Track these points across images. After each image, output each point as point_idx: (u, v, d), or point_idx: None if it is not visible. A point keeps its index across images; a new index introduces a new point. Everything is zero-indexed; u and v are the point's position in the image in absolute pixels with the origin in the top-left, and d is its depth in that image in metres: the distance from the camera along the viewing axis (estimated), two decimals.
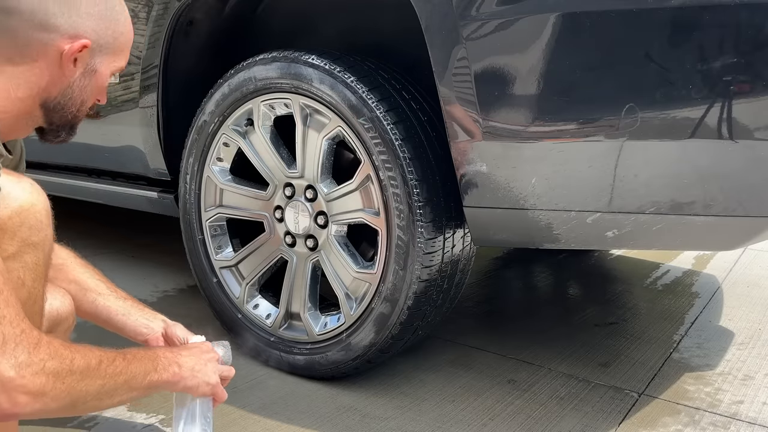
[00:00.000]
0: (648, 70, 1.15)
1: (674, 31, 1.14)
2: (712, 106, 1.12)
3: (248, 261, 1.73)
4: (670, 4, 1.11)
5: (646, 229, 1.27)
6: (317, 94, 1.48)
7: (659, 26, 1.14)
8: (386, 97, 1.45)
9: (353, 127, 1.46)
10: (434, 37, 1.31)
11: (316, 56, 1.49)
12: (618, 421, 1.50)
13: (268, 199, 1.65)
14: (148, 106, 1.86)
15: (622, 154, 1.20)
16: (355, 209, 1.52)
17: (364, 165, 1.47)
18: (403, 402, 1.56)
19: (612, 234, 1.31)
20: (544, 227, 1.34)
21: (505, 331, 1.99)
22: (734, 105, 1.11)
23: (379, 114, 1.42)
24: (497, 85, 1.26)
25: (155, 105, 1.85)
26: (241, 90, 1.60)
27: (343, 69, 1.46)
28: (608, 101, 1.19)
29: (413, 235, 1.43)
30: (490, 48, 1.26)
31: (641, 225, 1.27)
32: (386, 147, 1.42)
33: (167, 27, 1.75)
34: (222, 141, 1.68)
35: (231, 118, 1.65)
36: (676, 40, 1.14)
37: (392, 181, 1.43)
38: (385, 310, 1.50)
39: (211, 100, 1.66)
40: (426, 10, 1.31)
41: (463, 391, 1.62)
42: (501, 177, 1.31)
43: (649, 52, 1.15)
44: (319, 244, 1.59)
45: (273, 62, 1.54)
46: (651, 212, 1.23)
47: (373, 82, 1.46)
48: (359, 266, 1.55)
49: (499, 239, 1.44)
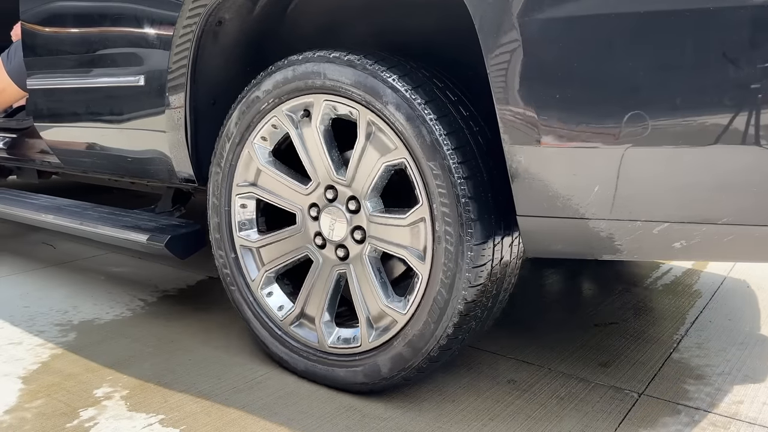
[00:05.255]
0: (723, 71, 1.07)
1: (755, 30, 1.05)
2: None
3: (271, 248, 1.68)
4: (751, 2, 1.04)
5: (716, 240, 1.20)
6: (390, 119, 1.40)
7: (739, 25, 1.06)
8: (462, 145, 1.37)
9: (420, 167, 1.39)
10: (489, 37, 1.23)
11: (398, 78, 1.40)
12: (618, 421, 1.50)
13: (306, 194, 1.59)
14: (176, 108, 1.79)
15: (695, 160, 1.13)
16: (398, 243, 1.47)
17: (421, 207, 1.41)
18: (403, 402, 1.56)
19: (679, 245, 1.23)
20: (606, 238, 1.27)
21: (505, 331, 1.99)
22: None
23: (451, 164, 1.35)
24: (558, 88, 1.19)
25: (183, 108, 1.78)
26: (305, 81, 1.51)
27: (423, 102, 1.37)
28: (681, 105, 1.11)
29: (453, 295, 1.39)
30: (551, 48, 1.19)
31: (712, 236, 1.19)
32: (450, 200, 1.36)
33: (197, 27, 1.69)
34: (271, 122, 1.60)
35: (287, 104, 1.56)
36: (757, 39, 1.06)
37: (447, 236, 1.37)
38: (406, 354, 1.47)
39: (270, 79, 1.57)
40: (480, 9, 1.23)
41: (463, 391, 1.62)
42: (560, 185, 1.24)
43: (725, 52, 1.06)
44: (349, 257, 1.55)
45: (348, 66, 1.44)
46: (724, 222, 1.16)
47: (451, 125, 1.38)
48: (389, 299, 1.50)
49: (554, 250, 1.37)
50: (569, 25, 1.16)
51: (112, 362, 1.75)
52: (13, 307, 2.14)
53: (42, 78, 2.13)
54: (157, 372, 1.70)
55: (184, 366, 1.74)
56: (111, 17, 1.89)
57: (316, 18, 1.82)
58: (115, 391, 1.60)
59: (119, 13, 1.86)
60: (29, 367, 1.73)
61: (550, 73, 1.19)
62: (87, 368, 1.72)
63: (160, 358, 1.78)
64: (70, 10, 2.01)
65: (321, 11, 1.81)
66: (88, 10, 1.96)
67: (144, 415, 1.49)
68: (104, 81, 1.95)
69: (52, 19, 2.06)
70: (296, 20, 1.82)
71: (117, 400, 1.56)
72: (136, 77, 1.85)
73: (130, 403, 1.55)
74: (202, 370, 1.71)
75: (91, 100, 2.02)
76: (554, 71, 1.19)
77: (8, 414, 1.50)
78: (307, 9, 1.80)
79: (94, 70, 1.97)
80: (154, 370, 1.71)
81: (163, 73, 1.78)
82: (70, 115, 2.10)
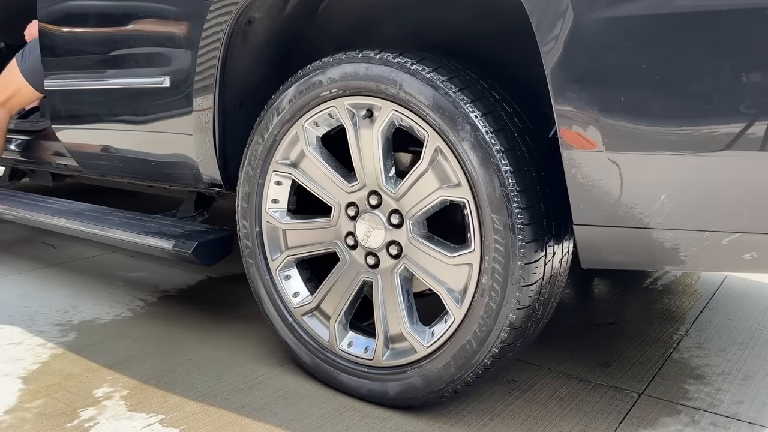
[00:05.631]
0: None
1: None
2: None
3: (299, 234, 1.61)
4: None
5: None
6: (462, 156, 1.32)
7: None
8: (532, 206, 1.30)
9: (480, 215, 1.32)
10: (549, 37, 1.16)
11: (481, 116, 1.30)
12: (618, 421, 1.50)
13: (348, 191, 1.52)
14: (204, 110, 1.74)
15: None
16: (436, 277, 1.41)
17: (471, 254, 1.35)
18: None
19: (749, 257, 1.17)
20: (670, 249, 1.20)
21: None
22: None
23: (517, 223, 1.28)
24: (624, 90, 1.12)
25: (211, 109, 1.72)
26: (378, 84, 1.40)
27: (502, 151, 1.29)
28: (758, 108, 1.05)
29: (482, 349, 1.36)
30: (618, 49, 1.12)
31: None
32: (505, 260, 1.30)
33: (227, 26, 1.63)
34: (329, 111, 1.50)
35: (351, 99, 1.46)
36: None
37: (492, 293, 1.32)
38: (418, 385, 1.45)
39: (338, 68, 1.45)
40: (540, 6, 1.17)
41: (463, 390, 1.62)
42: (624, 193, 1.18)
43: None
44: (379, 267, 1.49)
45: (429, 86, 1.33)
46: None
47: (525, 181, 1.30)
48: (413, 326, 1.46)
49: (612, 261, 1.30)
50: (637, 24, 1.11)
51: (112, 362, 1.75)
52: (13, 307, 2.14)
53: (61, 79, 2.09)
54: (157, 372, 1.70)
55: (184, 366, 1.74)
56: (135, 16, 1.83)
57: (347, 17, 1.77)
58: (115, 391, 1.60)
59: (143, 11, 1.81)
60: (29, 367, 1.73)
61: (617, 76, 1.13)
62: (87, 368, 1.72)
63: (160, 358, 1.78)
64: (91, 9, 1.96)
65: (353, 10, 1.76)
66: (110, 9, 1.90)
67: (144, 415, 1.49)
68: (127, 82, 1.90)
69: (72, 18, 2.01)
70: (327, 19, 1.76)
71: (117, 400, 1.56)
72: (161, 78, 1.80)
73: (130, 403, 1.55)
74: (202, 370, 1.71)
75: (112, 102, 1.97)
76: (621, 73, 1.13)
77: (8, 414, 1.50)
78: (339, 7, 1.74)
79: (116, 71, 1.93)
80: (154, 370, 1.71)
81: (190, 73, 1.73)
82: (90, 117, 2.06)
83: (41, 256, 2.72)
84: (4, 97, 2.40)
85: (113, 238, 2.00)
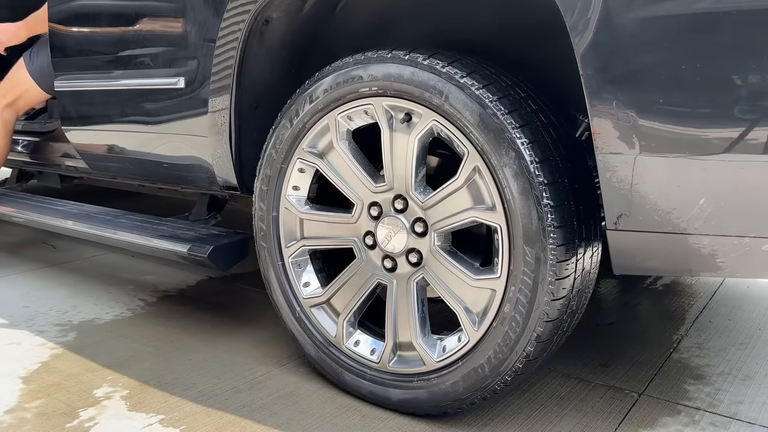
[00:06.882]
0: None
1: None
2: None
3: (317, 225, 1.58)
4: None
5: None
6: (502, 181, 1.28)
7: None
8: (568, 242, 1.27)
9: (512, 244, 1.28)
10: (584, 37, 1.13)
11: (527, 144, 1.25)
12: (618, 421, 1.50)
13: (373, 191, 1.48)
14: (219, 111, 1.70)
15: None
16: (455, 295, 1.39)
17: (496, 280, 1.32)
18: None
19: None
20: (707, 255, 1.17)
21: None
22: None
23: (550, 258, 1.24)
24: (662, 92, 1.09)
25: (228, 111, 1.69)
26: (422, 91, 1.34)
27: (544, 184, 1.24)
28: None
29: (495, 375, 1.35)
30: (656, 49, 1.08)
31: None
32: (532, 293, 1.27)
33: (245, 26, 1.59)
34: (365, 108, 1.46)
35: (391, 101, 1.40)
36: None
37: (513, 323, 1.30)
38: (423, 398, 1.44)
39: (381, 67, 1.40)
40: (574, 5, 1.13)
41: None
42: (660, 197, 1.14)
43: None
44: (396, 271, 1.47)
45: (477, 103, 1.28)
46: None
47: (563, 218, 1.26)
48: (424, 338, 1.44)
49: (646, 267, 1.26)
50: (676, 23, 1.08)
51: (112, 362, 1.75)
52: (13, 307, 2.14)
53: (71, 80, 2.06)
54: (157, 372, 1.70)
55: (184, 366, 1.74)
56: (148, 15, 1.81)
57: (365, 17, 1.74)
58: (115, 391, 1.60)
59: (157, 10, 1.78)
60: (29, 367, 1.73)
61: (655, 77, 1.10)
62: (87, 368, 1.72)
63: (160, 358, 1.78)
64: (103, 9, 1.93)
65: (371, 9, 1.72)
66: (122, 9, 1.87)
67: (144, 415, 1.49)
68: (140, 83, 1.87)
69: (83, 17, 1.98)
70: (345, 19, 1.73)
71: (117, 400, 1.56)
72: (175, 78, 1.77)
73: (130, 403, 1.55)
74: (202, 370, 1.71)
75: (124, 103, 1.94)
76: (659, 74, 1.09)
77: (8, 414, 1.50)
78: (357, 7, 1.71)
79: (128, 71, 1.90)
80: (154, 370, 1.71)
81: (206, 74, 1.70)
82: (102, 118, 2.03)
83: (41, 256, 2.72)
84: (12, 97, 2.36)
85: (126, 241, 1.97)
